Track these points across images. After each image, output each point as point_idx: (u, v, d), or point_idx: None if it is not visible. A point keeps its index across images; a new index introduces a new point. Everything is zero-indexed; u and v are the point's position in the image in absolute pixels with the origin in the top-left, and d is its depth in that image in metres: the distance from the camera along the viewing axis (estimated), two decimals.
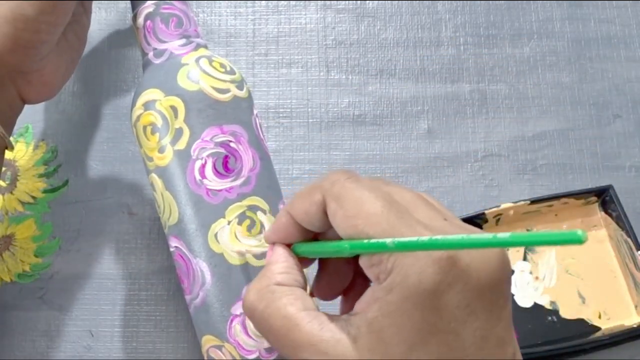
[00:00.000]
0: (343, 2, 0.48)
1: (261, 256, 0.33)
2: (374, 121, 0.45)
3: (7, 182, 0.43)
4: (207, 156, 0.33)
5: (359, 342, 0.23)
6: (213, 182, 0.33)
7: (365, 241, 0.23)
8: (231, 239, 0.33)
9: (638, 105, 0.45)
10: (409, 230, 0.23)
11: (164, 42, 0.36)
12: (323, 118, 0.45)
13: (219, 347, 0.33)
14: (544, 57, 0.46)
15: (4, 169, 0.43)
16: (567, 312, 0.40)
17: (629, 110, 0.45)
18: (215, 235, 0.33)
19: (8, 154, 0.44)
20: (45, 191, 0.43)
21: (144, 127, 0.35)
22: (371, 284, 0.24)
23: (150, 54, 0.36)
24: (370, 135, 0.45)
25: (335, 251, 0.25)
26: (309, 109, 0.45)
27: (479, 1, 0.48)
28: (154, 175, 0.35)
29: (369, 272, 0.24)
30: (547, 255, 0.41)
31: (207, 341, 0.34)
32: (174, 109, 0.34)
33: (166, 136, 0.34)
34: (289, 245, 0.28)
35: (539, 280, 0.41)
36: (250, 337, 0.32)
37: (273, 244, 0.28)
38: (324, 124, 0.45)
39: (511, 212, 0.41)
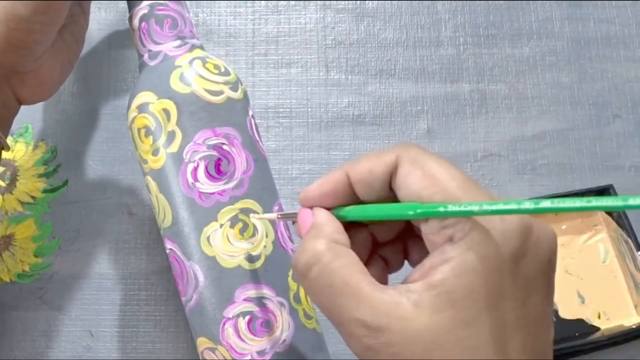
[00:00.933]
0: (343, 2, 0.48)
1: (254, 259, 0.33)
2: (373, 121, 0.45)
3: (6, 182, 0.43)
4: (200, 159, 0.33)
5: (421, 306, 0.22)
6: (205, 185, 0.33)
7: (450, 206, 0.22)
8: (223, 242, 0.33)
9: (637, 105, 0.45)
10: (489, 197, 0.23)
11: (159, 43, 0.36)
12: (322, 118, 0.45)
13: (213, 350, 0.33)
14: (544, 57, 0.46)
15: (3, 168, 0.43)
16: (567, 312, 0.40)
17: (628, 110, 0.45)
18: (208, 239, 0.33)
19: (7, 154, 0.44)
20: (45, 191, 0.43)
21: (139, 130, 0.35)
22: (437, 249, 0.23)
23: (146, 56, 0.36)
24: (369, 135, 0.45)
25: (398, 214, 0.24)
26: (309, 109, 0.45)
27: (478, 1, 0.48)
28: (149, 177, 0.35)
29: (437, 236, 0.23)
30: None
31: (202, 343, 0.34)
32: (166, 112, 0.34)
33: (159, 139, 0.34)
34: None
35: None
36: (242, 340, 0.32)
37: (310, 207, 0.27)
38: (323, 123, 0.45)
39: None
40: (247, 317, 0.33)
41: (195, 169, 0.33)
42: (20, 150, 0.44)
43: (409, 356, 0.22)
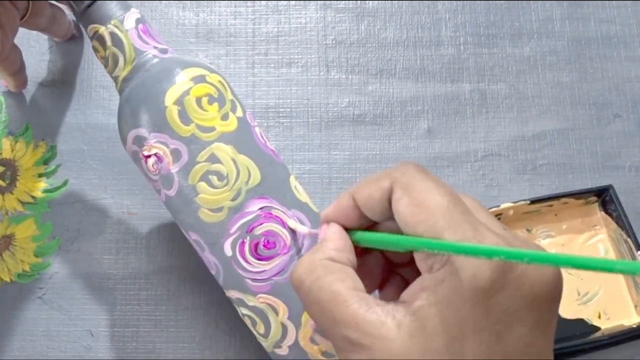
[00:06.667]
0: (343, 1, 0.48)
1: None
2: (373, 121, 0.45)
3: (6, 182, 0.43)
4: (258, 125, 0.37)
5: (402, 328, 0.22)
6: (272, 145, 0.37)
7: (425, 239, 0.23)
8: (304, 191, 0.36)
9: (638, 105, 0.45)
10: (472, 229, 0.23)
11: (161, 43, 0.37)
12: (323, 118, 0.45)
13: None
14: (544, 57, 0.46)
15: (3, 168, 0.43)
16: (567, 311, 0.40)
17: (628, 110, 0.45)
18: (296, 187, 0.36)
19: (7, 154, 0.44)
20: (45, 191, 0.43)
21: (198, 99, 0.35)
22: (421, 275, 0.24)
23: (154, 52, 0.37)
24: (370, 135, 0.45)
25: (392, 244, 0.25)
26: (309, 109, 0.45)
27: (479, 1, 0.48)
28: (218, 144, 0.34)
29: (422, 264, 0.24)
30: None
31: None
32: (221, 84, 0.36)
33: (225, 105, 0.35)
34: (345, 229, 0.27)
35: None
36: None
37: (327, 223, 0.28)
38: (323, 123, 0.45)
39: (511, 212, 0.41)
40: None
41: (261, 131, 0.37)
42: (20, 149, 0.44)
43: None
